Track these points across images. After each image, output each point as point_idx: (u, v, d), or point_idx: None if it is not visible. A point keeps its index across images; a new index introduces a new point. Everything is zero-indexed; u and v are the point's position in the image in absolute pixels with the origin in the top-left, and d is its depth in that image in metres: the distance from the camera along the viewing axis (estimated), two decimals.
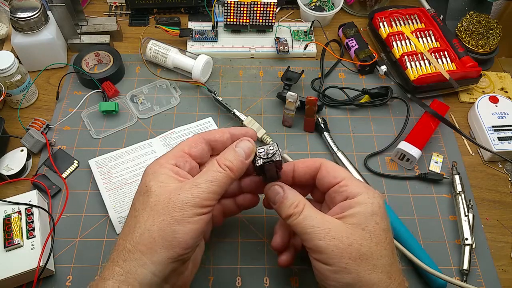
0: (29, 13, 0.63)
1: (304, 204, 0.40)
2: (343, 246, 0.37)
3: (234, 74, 0.72)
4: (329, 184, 0.43)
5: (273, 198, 0.42)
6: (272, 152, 0.41)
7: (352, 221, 0.38)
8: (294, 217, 0.40)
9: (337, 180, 0.42)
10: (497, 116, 0.65)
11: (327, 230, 0.38)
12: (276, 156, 0.41)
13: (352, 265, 0.36)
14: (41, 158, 0.60)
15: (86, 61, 0.69)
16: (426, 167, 0.62)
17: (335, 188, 0.42)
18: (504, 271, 0.53)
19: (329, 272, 0.37)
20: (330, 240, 0.37)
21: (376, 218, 0.39)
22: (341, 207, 0.40)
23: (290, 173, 0.45)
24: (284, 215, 0.41)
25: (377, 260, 0.37)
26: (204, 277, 0.51)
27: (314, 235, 0.38)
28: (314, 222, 0.39)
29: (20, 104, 0.64)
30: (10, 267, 0.46)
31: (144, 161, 0.59)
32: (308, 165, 0.44)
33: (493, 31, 0.73)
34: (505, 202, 0.59)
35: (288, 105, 0.62)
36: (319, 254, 0.38)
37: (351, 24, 0.76)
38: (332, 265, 0.37)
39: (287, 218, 0.40)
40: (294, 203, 0.40)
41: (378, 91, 0.67)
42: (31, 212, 0.50)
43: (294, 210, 0.40)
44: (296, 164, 0.45)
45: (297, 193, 0.42)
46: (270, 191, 0.43)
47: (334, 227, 0.38)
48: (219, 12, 0.78)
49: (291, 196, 0.41)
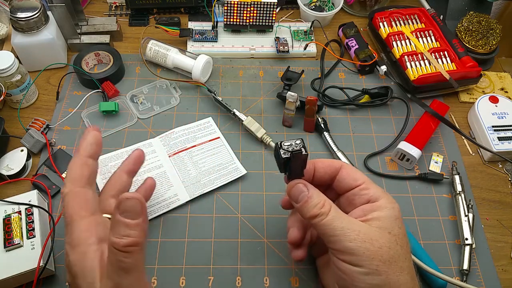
0: (29, 13, 0.63)
1: (330, 204, 0.40)
2: (373, 248, 0.37)
3: (234, 74, 0.72)
4: (349, 186, 0.42)
5: (296, 197, 0.41)
6: (298, 146, 0.40)
7: (378, 224, 0.39)
8: (321, 218, 0.39)
9: (357, 183, 0.42)
10: (497, 116, 0.65)
11: (357, 232, 0.38)
12: (303, 150, 0.40)
13: (382, 267, 0.37)
14: (41, 158, 0.60)
15: (86, 61, 0.69)
16: (426, 167, 0.62)
17: (355, 190, 0.42)
18: (504, 271, 0.53)
19: (359, 274, 0.37)
20: (361, 242, 0.37)
21: (398, 222, 0.40)
22: (363, 210, 0.41)
23: (311, 171, 0.44)
24: (308, 215, 0.40)
25: (403, 263, 0.38)
26: (204, 277, 0.51)
27: (344, 236, 0.38)
28: (344, 223, 0.38)
29: (20, 104, 0.64)
30: (10, 267, 0.46)
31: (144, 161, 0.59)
32: (329, 165, 0.44)
33: (493, 31, 0.73)
34: (505, 202, 0.59)
35: (288, 105, 0.62)
36: (349, 256, 0.38)
37: (351, 24, 0.76)
38: (363, 266, 0.37)
39: (312, 218, 0.39)
40: (320, 203, 0.40)
41: (378, 91, 0.67)
42: (31, 212, 0.50)
43: (320, 210, 0.39)
44: (317, 163, 0.44)
45: (321, 193, 0.41)
46: (294, 189, 0.41)
47: (363, 229, 0.38)
48: (219, 12, 0.78)
49: (315, 195, 0.40)
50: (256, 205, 0.57)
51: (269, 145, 0.62)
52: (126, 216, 0.33)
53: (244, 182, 0.59)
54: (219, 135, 0.63)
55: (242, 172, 0.59)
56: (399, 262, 0.38)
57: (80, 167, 0.40)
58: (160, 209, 0.55)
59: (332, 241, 0.38)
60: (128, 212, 0.33)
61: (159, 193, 0.56)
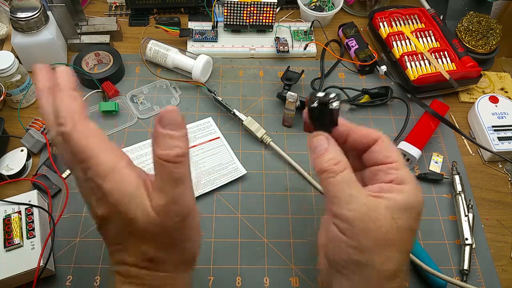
0: (29, 13, 0.63)
1: (345, 165, 0.37)
2: (370, 225, 0.35)
3: (234, 74, 0.72)
4: (379, 161, 0.40)
5: (314, 147, 0.39)
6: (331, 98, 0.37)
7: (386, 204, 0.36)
8: (330, 174, 0.37)
9: (389, 160, 0.39)
10: (497, 116, 0.65)
11: (360, 203, 0.35)
12: (333, 104, 0.37)
13: (372, 247, 0.35)
14: (41, 158, 0.60)
15: (86, 61, 0.69)
16: (426, 167, 0.62)
17: (382, 167, 0.39)
18: (504, 271, 0.53)
19: (345, 244, 0.35)
20: (359, 214, 0.35)
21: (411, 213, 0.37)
22: (380, 187, 0.38)
23: (344, 134, 0.41)
24: (319, 167, 0.37)
25: (394, 254, 0.36)
26: (204, 277, 0.51)
27: (345, 203, 0.35)
28: (352, 191, 0.36)
29: (20, 104, 0.64)
30: (10, 267, 0.46)
31: (144, 161, 0.59)
32: (366, 134, 0.41)
33: (493, 31, 0.73)
34: (505, 202, 0.59)
35: (288, 105, 0.62)
36: (343, 224, 0.36)
37: (351, 24, 0.76)
38: (352, 238, 0.35)
39: (322, 172, 0.37)
40: (335, 159, 0.37)
41: (378, 91, 0.68)
42: (31, 212, 0.50)
43: (333, 166, 0.37)
44: (353, 129, 0.41)
45: (342, 153, 0.38)
46: (315, 139, 0.39)
47: (368, 202, 0.36)
48: (219, 12, 0.78)
49: (334, 151, 0.38)
50: (256, 205, 0.57)
51: (269, 145, 0.62)
52: (170, 128, 0.34)
53: (244, 182, 0.59)
54: (219, 135, 0.63)
55: (242, 172, 0.59)
56: (390, 251, 0.36)
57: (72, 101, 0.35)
58: None
59: (334, 202, 0.36)
60: (171, 125, 0.34)
61: None
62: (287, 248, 0.53)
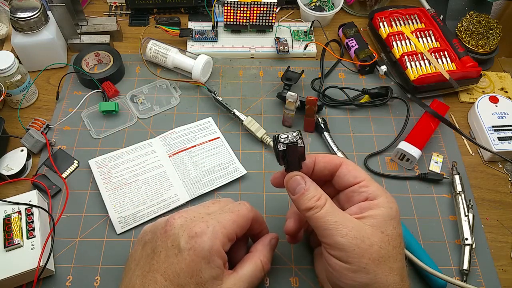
0: (29, 13, 0.63)
1: (326, 198, 0.40)
2: (364, 246, 0.37)
3: (234, 74, 0.72)
4: (349, 183, 0.42)
5: (293, 189, 0.41)
6: (295, 138, 0.40)
7: (371, 222, 0.39)
8: (315, 211, 0.39)
9: (357, 180, 0.42)
10: (497, 116, 0.65)
11: (349, 228, 0.37)
12: (299, 142, 0.40)
13: (371, 265, 0.37)
14: (41, 158, 0.60)
15: (86, 61, 0.69)
16: (426, 167, 0.62)
17: (354, 187, 0.42)
18: (504, 271, 0.53)
19: (347, 270, 0.37)
20: (352, 239, 0.37)
21: (394, 222, 0.39)
22: (360, 207, 0.40)
23: (310, 165, 0.44)
24: (303, 207, 0.40)
25: (393, 263, 0.38)
26: None
27: (336, 231, 0.37)
28: (337, 218, 0.38)
29: (20, 104, 0.64)
30: (10, 267, 0.46)
31: (144, 161, 0.59)
32: (329, 161, 0.44)
33: (493, 31, 0.73)
34: (505, 202, 0.59)
35: (288, 105, 0.62)
36: (338, 251, 0.37)
37: (351, 24, 0.76)
38: (352, 264, 0.37)
39: (307, 211, 0.40)
40: (316, 196, 0.40)
41: (378, 91, 0.67)
42: (31, 212, 0.50)
43: (315, 203, 0.39)
44: (317, 158, 0.44)
45: (318, 187, 0.41)
46: (292, 181, 0.42)
47: (355, 226, 0.38)
48: (219, 12, 0.78)
49: (312, 188, 0.41)
50: (256, 205, 0.57)
51: (269, 145, 0.62)
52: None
53: (244, 182, 0.59)
54: (219, 135, 0.63)
55: (242, 172, 0.59)
56: (389, 263, 0.37)
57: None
58: (160, 209, 0.55)
59: (324, 235, 0.38)
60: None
61: (159, 193, 0.56)
62: (287, 248, 0.53)
